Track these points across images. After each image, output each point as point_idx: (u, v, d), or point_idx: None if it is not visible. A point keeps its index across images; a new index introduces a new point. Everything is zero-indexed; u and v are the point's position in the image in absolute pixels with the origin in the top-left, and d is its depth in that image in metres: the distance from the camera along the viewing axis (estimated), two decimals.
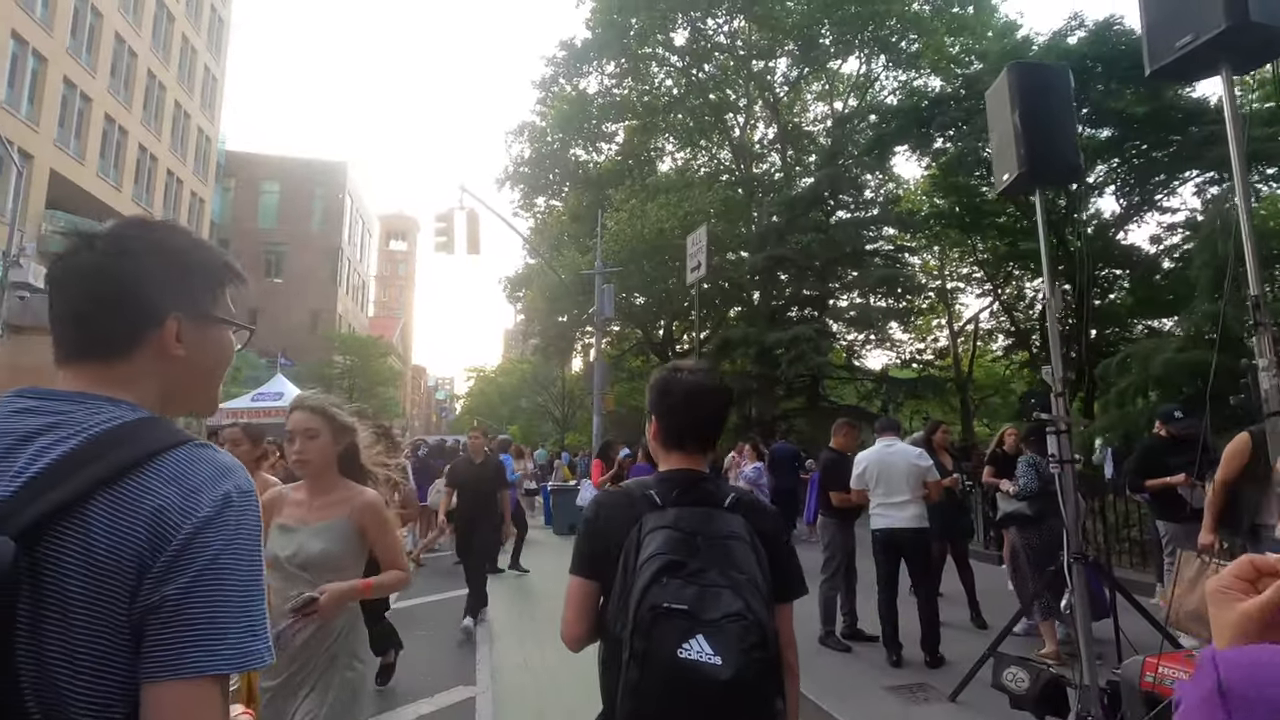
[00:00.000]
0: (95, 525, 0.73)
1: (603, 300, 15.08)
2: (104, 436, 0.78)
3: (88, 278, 0.87)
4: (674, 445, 1.53)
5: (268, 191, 46.40)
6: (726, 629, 1.19)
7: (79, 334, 0.88)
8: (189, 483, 0.78)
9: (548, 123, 24.53)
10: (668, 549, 1.29)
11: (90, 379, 0.87)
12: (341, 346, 37.29)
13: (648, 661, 1.20)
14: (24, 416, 0.80)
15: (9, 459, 0.76)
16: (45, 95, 24.69)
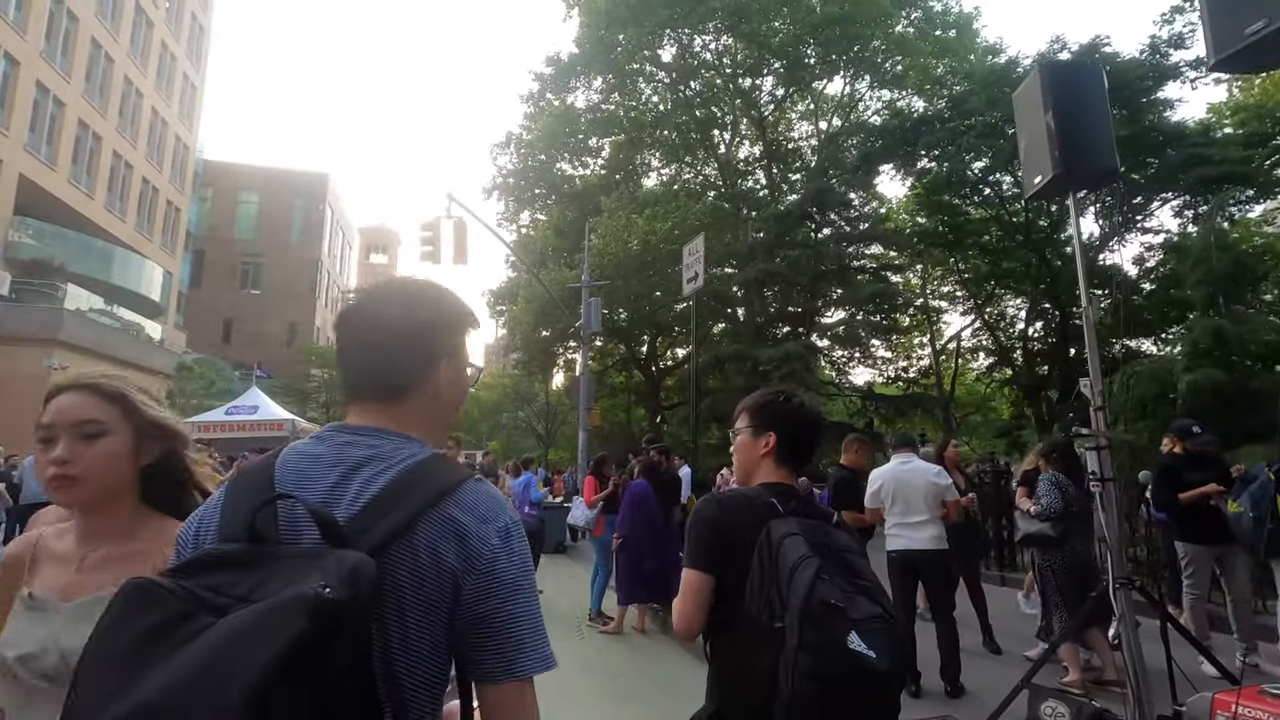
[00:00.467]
0: (420, 545, 0.90)
1: (589, 314, 14.85)
2: (414, 470, 0.95)
3: (377, 330, 1.04)
4: (786, 462, 1.68)
5: (246, 201, 45.66)
6: (874, 628, 1.33)
7: (370, 378, 1.04)
8: (479, 513, 0.95)
9: (534, 136, 24.41)
10: (811, 554, 1.39)
11: (379, 416, 1.03)
12: (319, 360, 36.52)
13: (822, 650, 1.30)
14: (349, 448, 0.98)
15: (344, 485, 0.94)
16: (16, 99, 24.03)
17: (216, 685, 0.65)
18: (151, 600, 0.75)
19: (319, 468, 0.95)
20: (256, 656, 0.67)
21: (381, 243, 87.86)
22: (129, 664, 0.70)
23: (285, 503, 0.90)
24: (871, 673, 1.29)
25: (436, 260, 10.56)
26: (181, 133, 37.66)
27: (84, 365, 20.62)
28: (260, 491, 0.91)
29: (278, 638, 0.68)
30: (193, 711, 0.65)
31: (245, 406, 17.46)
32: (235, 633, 0.70)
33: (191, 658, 0.68)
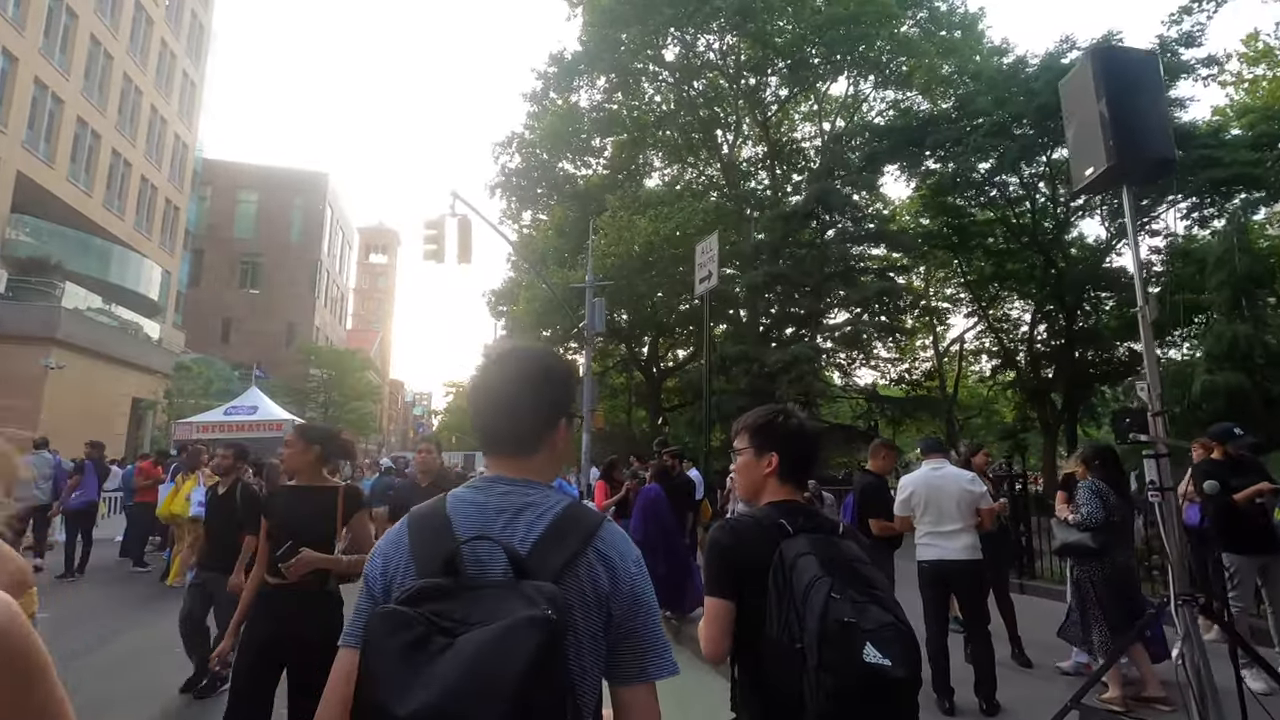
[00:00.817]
0: (583, 575, 1.11)
1: (593, 314, 14.67)
2: (566, 514, 1.16)
3: (510, 396, 1.23)
4: (789, 480, 1.73)
5: (245, 201, 45.48)
6: (887, 636, 1.38)
7: (505, 438, 1.24)
8: (617, 549, 1.17)
9: (537, 135, 24.24)
10: (823, 572, 1.46)
11: (515, 468, 1.23)
12: (318, 359, 36.30)
13: (842, 667, 1.35)
14: (508, 496, 1.18)
15: (512, 527, 1.14)
16: (14, 96, 23.82)
17: (486, 689, 0.88)
18: (402, 622, 0.96)
19: (487, 514, 1.15)
20: (512, 665, 0.89)
21: (381, 242, 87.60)
22: (401, 671, 0.92)
23: (478, 539, 1.09)
24: (890, 680, 1.35)
25: (440, 259, 10.37)
26: (181, 131, 37.44)
27: (81, 364, 20.48)
28: (442, 534, 1.12)
29: (524, 650, 0.91)
30: (470, 711, 0.87)
31: (244, 407, 17.27)
32: (485, 647, 0.91)
33: (454, 668, 0.90)
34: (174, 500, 7.67)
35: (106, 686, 4.72)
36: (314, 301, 45.98)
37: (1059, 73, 15.49)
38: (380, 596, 1.13)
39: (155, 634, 6.04)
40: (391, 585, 1.12)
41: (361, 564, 2.15)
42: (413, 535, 1.15)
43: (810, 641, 1.39)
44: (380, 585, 1.14)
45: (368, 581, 1.16)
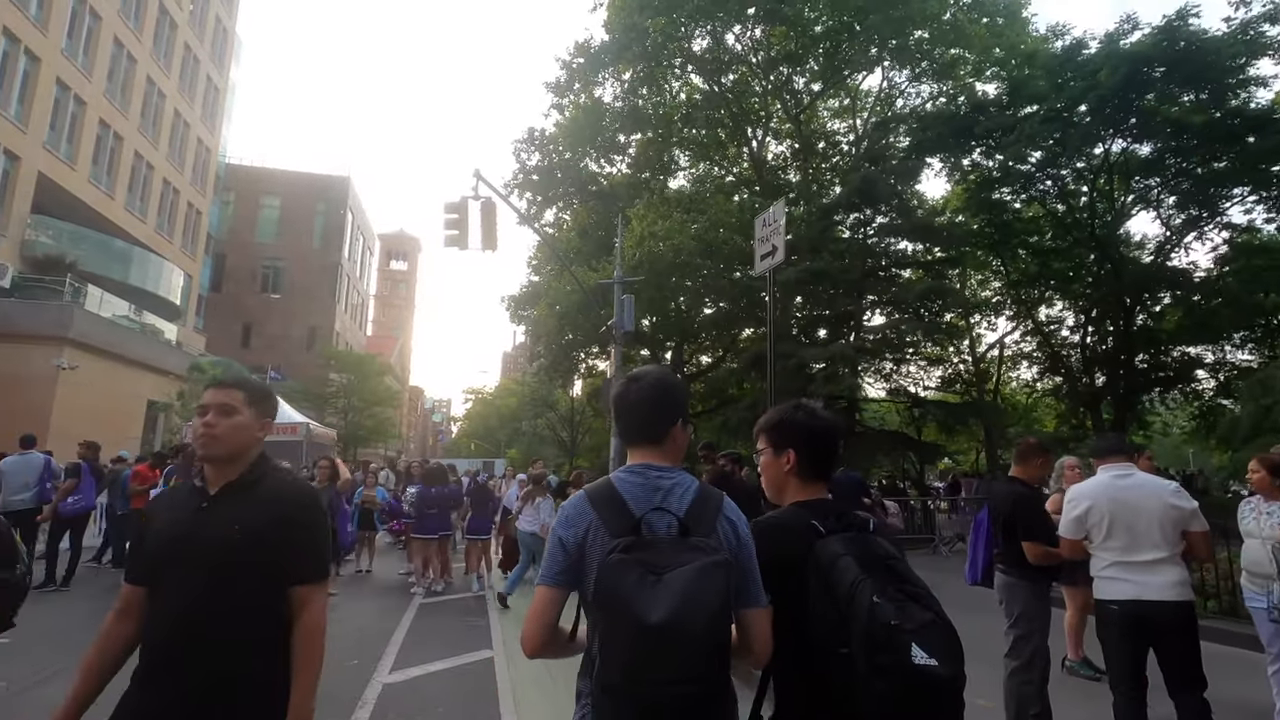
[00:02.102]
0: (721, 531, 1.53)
1: (621, 312, 13.80)
2: (700, 490, 1.59)
3: (645, 402, 1.67)
4: (813, 478, 1.75)
5: (268, 206, 45.48)
6: (931, 634, 1.39)
7: (645, 431, 1.67)
8: (735, 513, 1.60)
9: (559, 130, 23.54)
10: (863, 573, 1.47)
11: (655, 456, 1.65)
12: (338, 364, 35.90)
13: (892, 672, 1.36)
14: (660, 479, 1.59)
15: (669, 499, 1.55)
16: (36, 96, 23.67)
17: (698, 606, 1.30)
18: (629, 567, 1.36)
19: (646, 491, 1.57)
20: (713, 592, 1.33)
21: (401, 249, 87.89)
22: (637, 597, 1.31)
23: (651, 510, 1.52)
24: (939, 681, 1.36)
25: (463, 245, 9.56)
26: (204, 135, 37.41)
27: (94, 364, 20.02)
28: (620, 505, 1.54)
29: (719, 581, 1.35)
30: (693, 622, 1.28)
31: None
32: (691, 580, 1.32)
33: (673, 594, 1.30)
34: None
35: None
36: (335, 306, 45.77)
37: (1122, 57, 14.43)
38: (574, 551, 1.52)
39: None
40: (585, 543, 1.52)
41: None
42: (597, 508, 1.55)
43: (859, 648, 1.40)
44: (574, 543, 1.53)
45: (561, 541, 1.53)
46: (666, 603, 1.28)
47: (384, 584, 8.86)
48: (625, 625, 1.30)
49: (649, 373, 1.70)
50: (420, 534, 7.93)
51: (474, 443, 60.90)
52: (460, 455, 50.39)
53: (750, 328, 28.94)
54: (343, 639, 6.00)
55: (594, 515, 1.52)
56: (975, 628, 3.49)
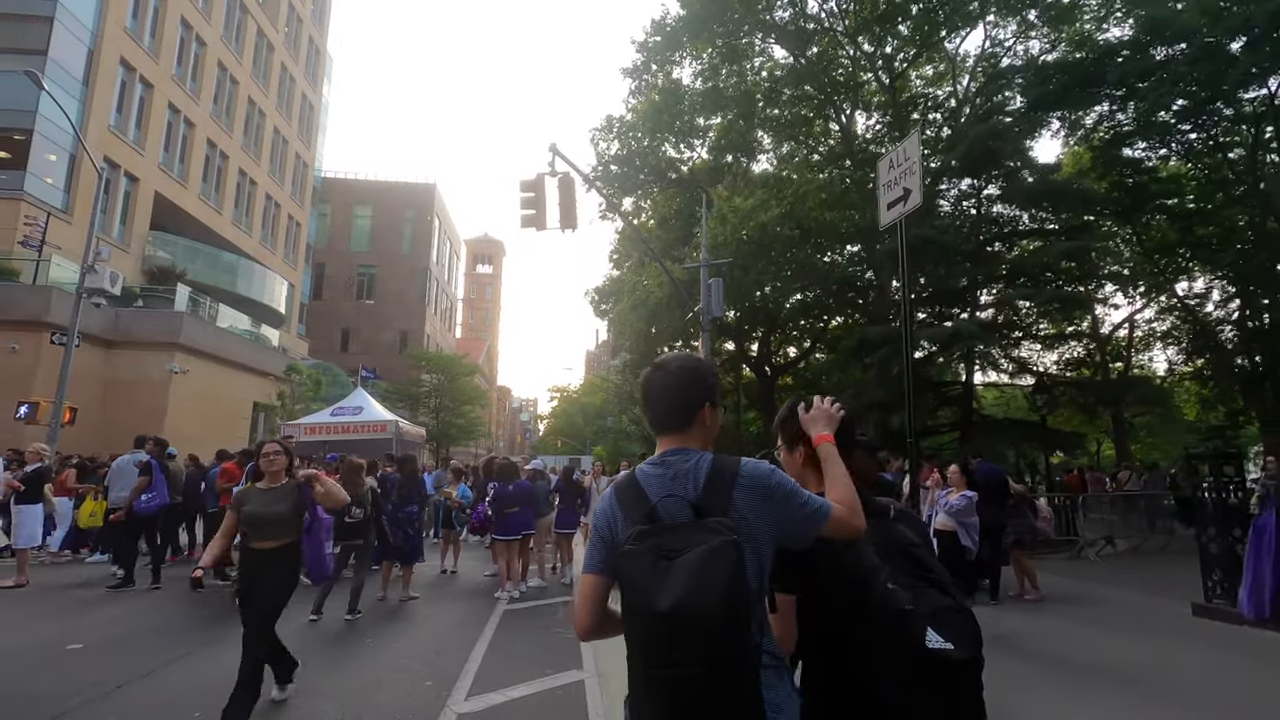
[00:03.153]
0: (742, 499, 1.49)
1: (709, 297, 12.93)
2: (712, 467, 1.55)
3: (671, 388, 1.66)
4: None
5: (360, 215, 47.44)
6: (946, 618, 1.47)
7: (669, 418, 1.65)
8: (752, 475, 1.53)
9: (636, 116, 22.85)
10: (879, 561, 1.57)
11: (679, 440, 1.63)
12: (427, 364, 36.86)
13: (905, 655, 1.44)
14: (676, 464, 1.58)
15: (682, 481, 1.54)
16: (151, 120, 25.34)
17: (708, 588, 1.30)
18: (640, 555, 1.39)
19: (666, 480, 1.56)
20: (724, 571, 1.33)
21: (487, 253, 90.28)
22: (651, 583, 1.34)
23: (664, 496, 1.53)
24: (954, 663, 1.42)
25: (540, 225, 9.01)
26: (301, 150, 39.34)
27: (202, 368, 21.11)
28: (638, 494, 1.56)
29: (728, 561, 1.34)
30: (706, 602, 1.29)
31: (349, 408, 16.90)
32: (701, 563, 1.34)
33: (686, 575, 1.32)
34: None
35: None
36: (424, 310, 47.19)
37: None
38: (609, 539, 1.57)
39: (212, 665, 4.90)
40: (614, 532, 1.57)
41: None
42: (619, 499, 1.60)
43: (871, 631, 1.47)
44: (607, 533, 1.59)
45: (598, 531, 1.61)
46: (676, 588, 1.32)
47: (468, 587, 8.41)
48: (641, 612, 1.36)
49: (674, 358, 1.72)
50: (501, 535, 7.41)
51: (560, 440, 61.52)
52: (547, 452, 50.87)
53: (841, 316, 27.31)
54: (420, 651, 5.49)
55: (616, 505, 1.60)
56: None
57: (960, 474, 5.75)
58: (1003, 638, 5.72)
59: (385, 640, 5.76)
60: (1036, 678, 4.84)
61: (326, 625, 6.10)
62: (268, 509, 3.96)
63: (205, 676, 4.69)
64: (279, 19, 35.72)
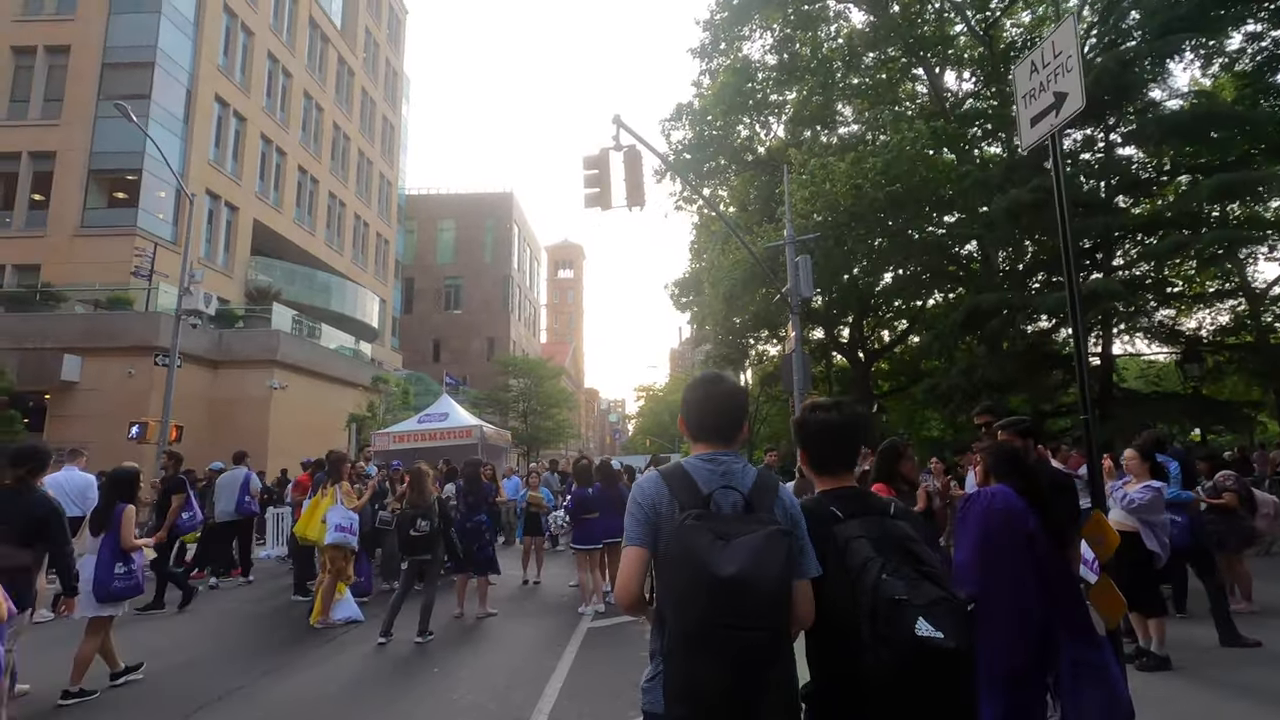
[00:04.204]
0: (778, 510, 1.71)
1: (797, 276, 11.86)
2: (761, 474, 1.79)
3: (729, 401, 1.88)
4: (833, 469, 1.91)
5: (444, 229, 48.81)
6: (940, 610, 1.52)
7: (717, 429, 1.86)
8: (787, 495, 1.78)
9: (707, 100, 21.91)
10: (874, 553, 1.64)
11: (726, 446, 1.85)
12: (513, 369, 37.30)
13: (894, 641, 1.51)
14: (726, 463, 1.78)
15: (733, 479, 1.74)
16: (246, 151, 26.75)
17: (765, 566, 1.48)
18: (701, 530, 1.56)
19: (713, 474, 1.76)
20: (778, 555, 1.51)
21: (567, 258, 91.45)
22: (713, 553, 1.50)
23: (718, 489, 1.71)
24: (942, 652, 1.48)
25: (606, 204, 8.33)
26: (385, 170, 40.83)
27: (299, 382, 21.93)
28: (689, 483, 1.73)
29: (783, 547, 1.53)
30: (761, 578, 1.47)
31: (436, 414, 16.93)
32: (759, 545, 1.51)
33: (747, 552, 1.50)
34: (310, 521, 6.30)
35: None
36: (509, 316, 47.97)
37: None
38: (651, 515, 1.72)
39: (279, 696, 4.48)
40: (657, 510, 1.72)
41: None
42: (669, 483, 1.75)
43: (864, 619, 1.55)
44: (651, 511, 1.73)
45: (640, 507, 1.74)
46: (738, 561, 1.48)
47: (551, 600, 7.79)
48: (700, 578, 1.49)
49: (725, 376, 1.98)
50: (580, 544, 6.76)
51: (649, 439, 61.16)
52: (636, 452, 50.59)
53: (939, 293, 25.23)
54: (491, 683, 4.89)
55: (666, 489, 1.74)
56: None
57: (1140, 460, 4.54)
58: (1207, 660, 4.48)
59: (453, 668, 5.20)
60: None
61: (394, 650, 5.63)
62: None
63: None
64: (357, 46, 37.12)
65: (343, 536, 6.01)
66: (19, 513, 3.82)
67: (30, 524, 3.80)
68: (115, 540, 4.51)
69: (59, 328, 17.34)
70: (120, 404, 16.30)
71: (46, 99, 22.23)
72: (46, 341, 16.82)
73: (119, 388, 16.54)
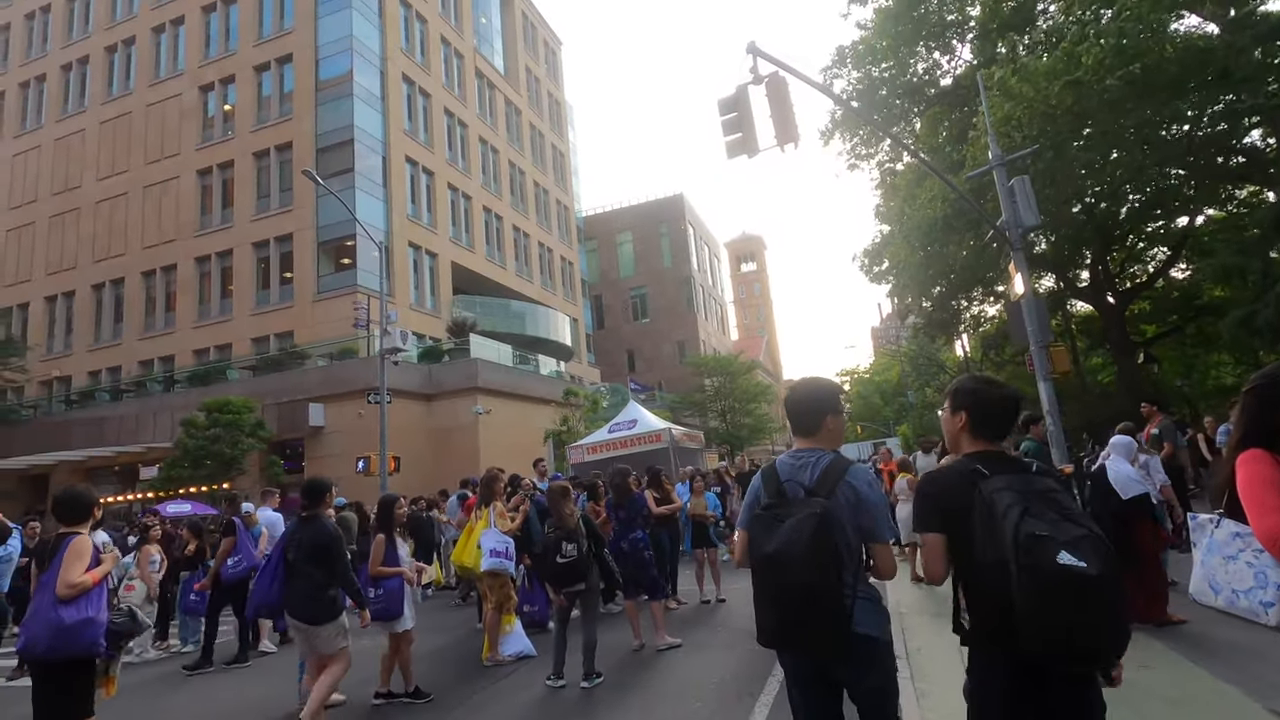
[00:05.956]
0: (845, 490, 2.21)
1: (1015, 205, 9.45)
2: (832, 461, 2.28)
3: (801, 404, 2.42)
4: (980, 433, 2.11)
5: (622, 242, 49.96)
6: (1083, 544, 1.69)
7: (803, 426, 2.40)
8: (859, 478, 2.26)
9: (871, 35, 19.38)
10: (1017, 501, 1.81)
11: (809, 442, 2.37)
12: (704, 369, 36.64)
13: (1038, 570, 1.67)
14: (804, 457, 2.32)
15: (804, 470, 2.29)
16: (437, 202, 29.32)
17: (795, 542, 2.05)
18: (763, 517, 2.20)
19: (795, 467, 2.31)
20: (808, 530, 2.05)
21: (748, 251, 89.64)
22: (763, 536, 2.14)
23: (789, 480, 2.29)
24: (1086, 577, 1.64)
25: (752, 150, 6.91)
26: (560, 196, 42.76)
27: (501, 406, 23.12)
28: (774, 476, 2.32)
29: (809, 525, 2.06)
30: (793, 550, 2.04)
31: (625, 422, 16.62)
32: (793, 524, 2.08)
33: (785, 531, 2.08)
34: (465, 546, 5.83)
35: None
36: (694, 317, 47.60)
37: None
38: (753, 505, 2.32)
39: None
40: (757, 499, 2.32)
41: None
42: (764, 478, 2.36)
43: (1008, 553, 1.73)
44: (753, 499, 2.35)
45: (751, 497, 2.38)
46: (778, 539, 2.09)
47: (740, 623, 6.45)
48: (757, 553, 2.16)
49: (802, 384, 2.52)
50: None
51: (859, 425, 57.05)
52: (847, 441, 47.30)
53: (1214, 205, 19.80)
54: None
55: (760, 484, 2.36)
56: None
57: None
58: None
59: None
60: None
61: (565, 696, 4.86)
62: None
63: None
64: (520, 85, 39.30)
65: (498, 562, 5.44)
66: (310, 537, 4.43)
67: (318, 548, 4.41)
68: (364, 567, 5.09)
69: (305, 381, 19.96)
70: (356, 442, 18.19)
71: (281, 189, 26.10)
72: (297, 395, 19.40)
73: (353, 428, 18.50)
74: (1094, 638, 1.67)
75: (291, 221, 25.40)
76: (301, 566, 4.30)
